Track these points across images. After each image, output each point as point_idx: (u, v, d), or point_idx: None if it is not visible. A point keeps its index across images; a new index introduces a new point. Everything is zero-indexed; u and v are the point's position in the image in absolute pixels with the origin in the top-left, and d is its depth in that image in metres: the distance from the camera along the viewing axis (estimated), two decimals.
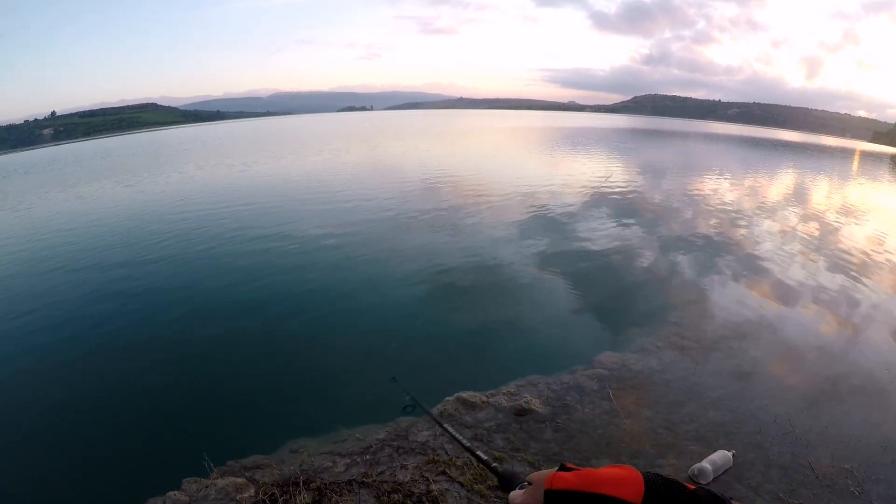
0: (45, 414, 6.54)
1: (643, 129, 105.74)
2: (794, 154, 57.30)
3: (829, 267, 11.92)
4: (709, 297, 9.81)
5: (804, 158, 51.71)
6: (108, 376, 7.37)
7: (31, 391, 7.10)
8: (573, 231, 14.50)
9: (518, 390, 6.32)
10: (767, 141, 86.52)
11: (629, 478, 0.74)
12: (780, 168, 37.99)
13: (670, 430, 5.47)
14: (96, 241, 14.89)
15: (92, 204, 22.75)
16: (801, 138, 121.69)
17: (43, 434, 6.13)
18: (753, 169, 34.99)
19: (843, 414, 6.01)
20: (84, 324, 9.14)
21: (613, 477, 0.75)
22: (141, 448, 5.82)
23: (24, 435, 6.13)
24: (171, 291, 10.43)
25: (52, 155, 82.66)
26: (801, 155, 56.53)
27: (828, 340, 8.20)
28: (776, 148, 67.62)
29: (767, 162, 43.05)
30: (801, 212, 18.97)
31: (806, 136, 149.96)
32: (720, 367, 6.97)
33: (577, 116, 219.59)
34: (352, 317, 9.03)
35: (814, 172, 36.34)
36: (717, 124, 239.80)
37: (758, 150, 60.97)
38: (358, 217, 16.23)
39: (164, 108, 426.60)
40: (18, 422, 6.39)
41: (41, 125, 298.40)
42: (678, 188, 22.88)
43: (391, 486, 4.54)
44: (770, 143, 78.06)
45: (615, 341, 7.90)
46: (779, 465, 4.92)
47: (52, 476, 5.41)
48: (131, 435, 6.05)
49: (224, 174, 30.09)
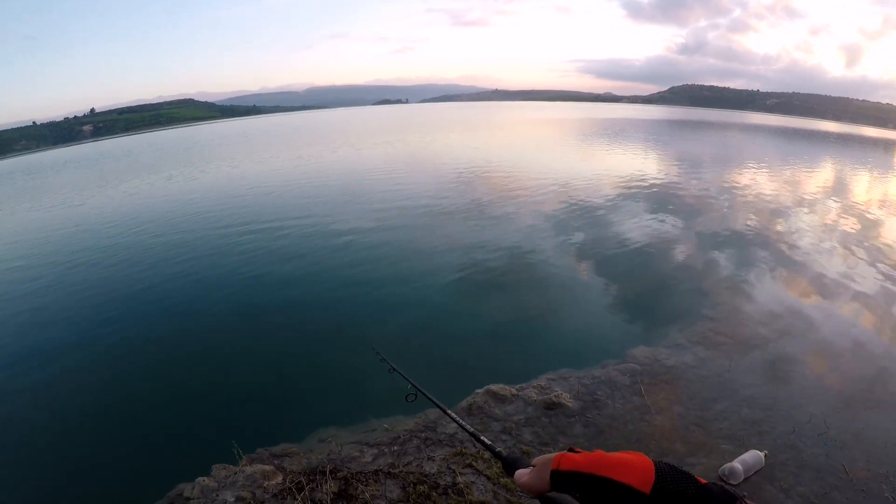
0: (87, 401, 6.85)
1: (680, 119, 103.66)
2: (834, 145, 55.41)
3: (869, 264, 11.54)
4: (745, 292, 9.62)
5: (844, 149, 50.03)
6: (145, 366, 7.64)
7: (75, 380, 7.39)
8: (607, 224, 14.38)
9: (548, 384, 6.33)
10: (807, 132, 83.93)
11: (640, 464, 0.72)
12: (820, 160, 36.83)
13: (702, 427, 5.42)
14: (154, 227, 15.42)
15: (157, 193, 23.46)
16: (841, 129, 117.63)
17: (83, 421, 6.41)
18: (792, 161, 34.01)
19: (881, 416, 5.84)
20: (127, 315, 9.50)
21: (623, 462, 0.73)
22: (173, 435, 6.04)
23: (67, 421, 6.42)
24: (206, 283, 10.74)
25: (102, 149, 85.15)
26: (842, 146, 54.65)
27: (866, 340, 7.96)
28: (816, 139, 65.53)
29: (807, 153, 41.80)
30: (841, 205, 18.38)
31: (846, 127, 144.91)
32: (755, 364, 6.86)
33: (613, 108, 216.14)
34: (384, 309, 9.13)
35: (854, 164, 35.10)
36: (756, 115, 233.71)
37: (797, 141, 59.19)
38: (403, 210, 16.44)
39: (200, 103, 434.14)
40: (62, 408, 6.69)
41: (81, 122, 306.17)
42: (715, 181, 22.40)
43: (417, 478, 4.60)
44: (809, 134, 75.72)
45: (648, 336, 7.84)
46: (812, 467, 4.84)
47: (89, 462, 5.66)
48: (165, 423, 6.28)
49: (291, 166, 30.64)
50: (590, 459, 0.75)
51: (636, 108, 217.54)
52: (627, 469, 0.71)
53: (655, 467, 0.72)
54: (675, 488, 0.69)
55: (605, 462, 0.74)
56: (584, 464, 0.75)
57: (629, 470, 0.71)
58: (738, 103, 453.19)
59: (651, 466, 0.72)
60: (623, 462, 0.73)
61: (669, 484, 0.69)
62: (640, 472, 0.71)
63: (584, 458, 0.76)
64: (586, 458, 0.76)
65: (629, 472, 0.71)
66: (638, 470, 0.71)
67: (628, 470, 0.71)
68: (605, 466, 0.73)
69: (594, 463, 0.74)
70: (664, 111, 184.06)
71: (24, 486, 5.36)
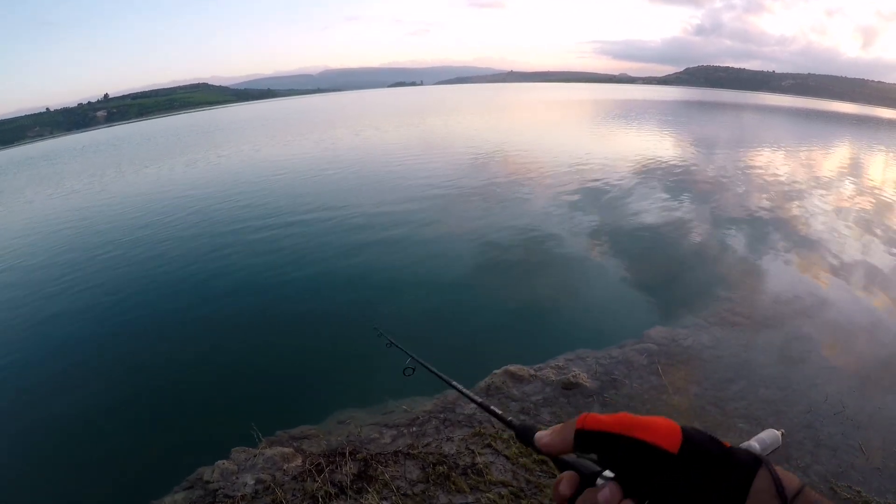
0: (108, 388, 6.98)
1: (696, 101, 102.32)
2: (850, 127, 54.19)
3: (886, 245, 11.45)
4: (761, 273, 9.62)
5: (861, 131, 49.03)
6: (166, 353, 7.76)
7: (96, 368, 7.55)
8: (624, 205, 14.35)
9: (566, 364, 6.39)
10: (823, 113, 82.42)
11: (667, 426, 0.71)
12: (836, 141, 36.15)
13: (719, 406, 5.47)
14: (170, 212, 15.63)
15: (170, 177, 23.71)
16: (857, 110, 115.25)
17: (105, 407, 6.55)
18: (808, 142, 33.51)
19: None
20: (143, 300, 9.72)
21: (651, 423, 0.72)
22: (193, 420, 6.17)
23: (88, 408, 6.57)
24: (227, 268, 10.89)
25: (119, 134, 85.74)
26: (858, 128, 53.52)
27: (882, 321, 7.94)
28: (832, 120, 64.22)
29: (822, 134, 41.19)
30: (857, 187, 18.13)
31: (862, 108, 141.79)
32: (771, 344, 6.87)
33: (629, 89, 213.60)
34: (401, 292, 9.22)
35: (870, 146, 34.49)
36: (772, 96, 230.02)
37: (813, 122, 58.22)
38: (420, 193, 16.50)
39: (215, 87, 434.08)
40: (83, 395, 6.83)
41: (94, 108, 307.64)
42: (731, 162, 22.13)
43: (437, 458, 4.64)
44: (825, 116, 74.30)
45: (665, 316, 7.87)
46: (828, 447, 4.87)
47: (111, 447, 5.78)
48: (185, 408, 6.42)
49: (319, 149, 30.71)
50: (616, 419, 0.74)
51: (652, 90, 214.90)
52: (655, 430, 0.71)
53: (682, 429, 0.71)
54: (702, 449, 0.69)
55: (633, 423, 0.72)
56: (611, 423, 0.74)
57: (657, 430, 0.71)
58: (754, 84, 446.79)
59: (678, 428, 0.71)
60: (650, 423, 0.72)
61: (696, 445, 0.69)
62: (667, 433, 0.70)
63: (610, 417, 0.75)
64: (613, 417, 0.75)
65: (657, 433, 0.70)
66: (665, 431, 0.70)
67: (656, 430, 0.71)
68: (633, 426, 0.72)
69: (621, 423, 0.73)
70: (680, 92, 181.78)
71: (46, 472, 5.50)
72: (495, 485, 4.29)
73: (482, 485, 4.28)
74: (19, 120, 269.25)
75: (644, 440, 0.70)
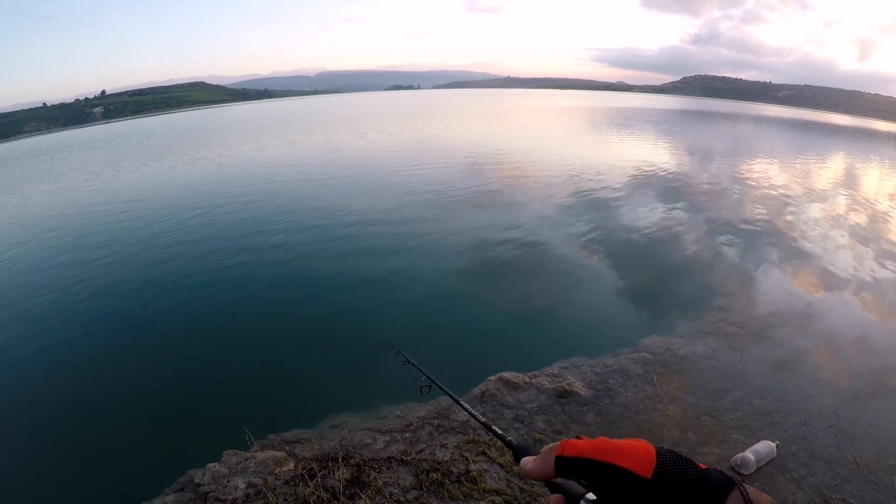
0: (100, 388, 6.92)
1: (693, 110, 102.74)
2: (846, 139, 54.70)
3: (879, 257, 11.53)
4: (756, 284, 9.64)
5: (856, 143, 49.40)
6: (159, 354, 7.71)
7: (88, 368, 7.48)
8: (619, 213, 14.38)
9: (561, 372, 6.38)
10: (818, 124, 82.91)
11: (642, 450, 0.74)
12: (832, 153, 36.43)
13: (714, 417, 5.46)
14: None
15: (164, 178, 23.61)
16: (853, 122, 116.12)
17: (97, 408, 6.51)
18: (804, 153, 33.74)
19: (891, 408, 5.89)
20: (139, 304, 9.62)
21: (626, 448, 0.75)
22: (184, 422, 6.13)
23: (81, 409, 6.51)
24: (219, 270, 10.83)
25: (116, 131, 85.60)
26: (853, 140, 53.95)
27: (876, 332, 7.99)
28: (827, 132, 64.66)
29: (818, 146, 41.46)
30: (852, 199, 18.31)
31: (858, 121, 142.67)
32: (766, 355, 6.88)
33: (626, 97, 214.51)
34: (395, 297, 9.19)
35: (866, 158, 34.76)
36: (768, 107, 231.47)
37: (809, 134, 58.52)
38: (414, 198, 16.47)
39: (212, 86, 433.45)
40: (76, 396, 6.78)
41: (92, 104, 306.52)
42: (726, 172, 22.25)
43: (430, 465, 4.62)
44: (821, 127, 74.77)
45: (660, 325, 7.88)
46: (823, 458, 4.87)
47: (103, 449, 5.75)
48: (176, 409, 6.37)
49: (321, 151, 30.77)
50: (593, 445, 0.77)
51: (649, 98, 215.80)
52: (629, 454, 0.74)
53: (657, 452, 0.74)
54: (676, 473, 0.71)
55: (608, 448, 0.75)
56: (588, 450, 0.77)
57: (631, 455, 0.73)
58: (751, 95, 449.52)
59: (653, 452, 0.74)
60: (625, 448, 0.75)
61: (670, 469, 0.71)
62: (641, 458, 0.73)
63: (587, 444, 0.78)
64: (590, 444, 0.78)
65: (631, 458, 0.73)
66: (640, 455, 0.73)
67: (630, 455, 0.73)
68: (608, 452, 0.75)
69: (597, 449, 0.76)
70: (677, 101, 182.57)
71: (38, 473, 5.45)
72: (489, 493, 4.27)
73: (476, 493, 4.26)
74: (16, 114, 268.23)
75: (618, 465, 0.73)
